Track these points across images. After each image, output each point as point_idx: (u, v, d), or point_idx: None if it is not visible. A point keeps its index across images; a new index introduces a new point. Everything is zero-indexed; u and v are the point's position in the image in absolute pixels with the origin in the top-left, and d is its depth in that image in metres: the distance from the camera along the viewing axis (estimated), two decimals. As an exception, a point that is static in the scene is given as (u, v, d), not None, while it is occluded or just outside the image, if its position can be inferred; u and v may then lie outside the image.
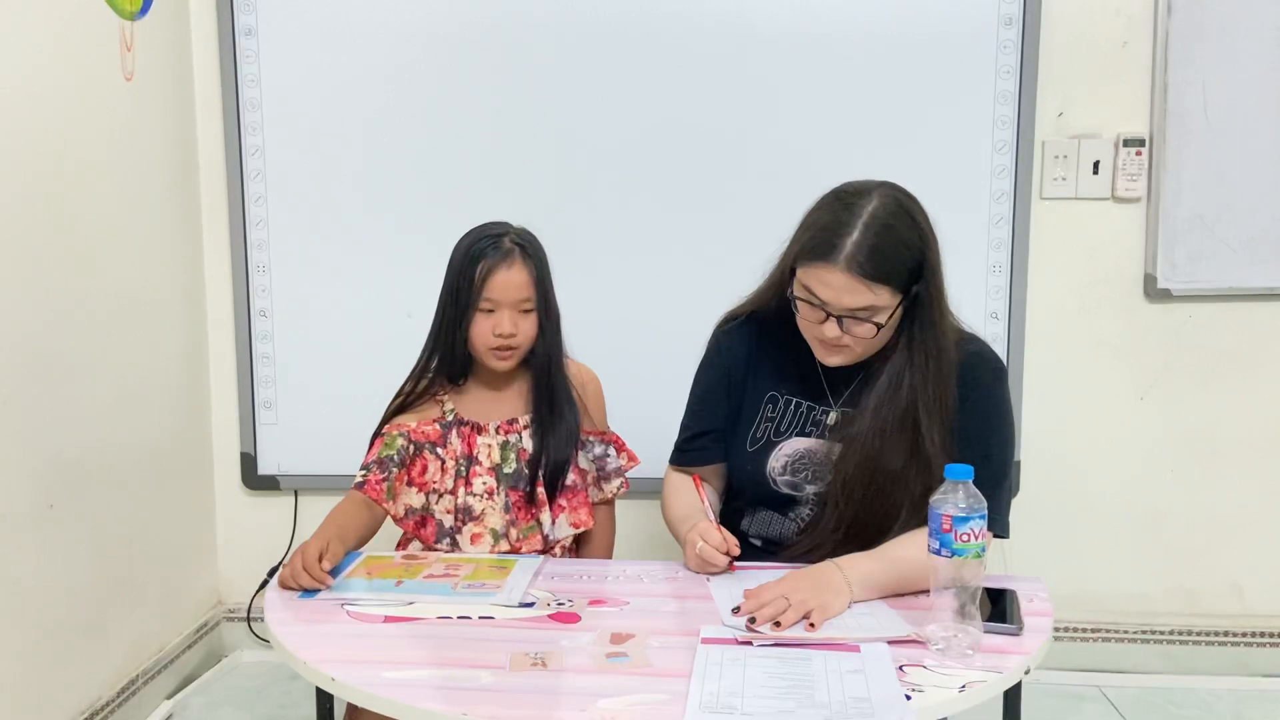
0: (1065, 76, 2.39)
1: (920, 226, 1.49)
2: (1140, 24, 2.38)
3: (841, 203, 1.50)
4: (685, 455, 1.74)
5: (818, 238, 1.48)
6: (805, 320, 1.54)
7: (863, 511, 1.54)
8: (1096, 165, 2.41)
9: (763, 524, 1.68)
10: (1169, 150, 2.37)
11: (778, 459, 1.64)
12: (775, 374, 1.67)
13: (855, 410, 1.57)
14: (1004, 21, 2.35)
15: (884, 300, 1.46)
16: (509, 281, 1.67)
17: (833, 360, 1.55)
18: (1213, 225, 2.39)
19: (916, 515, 1.50)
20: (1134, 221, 2.44)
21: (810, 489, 1.62)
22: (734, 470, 1.70)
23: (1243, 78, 2.35)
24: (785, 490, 1.64)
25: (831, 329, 1.49)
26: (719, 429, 1.70)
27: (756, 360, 1.68)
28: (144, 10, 2.25)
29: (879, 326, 1.48)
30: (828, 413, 1.63)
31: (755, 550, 1.67)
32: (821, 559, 1.48)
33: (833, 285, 1.46)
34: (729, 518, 1.72)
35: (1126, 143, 2.40)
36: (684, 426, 1.75)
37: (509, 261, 1.67)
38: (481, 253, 1.67)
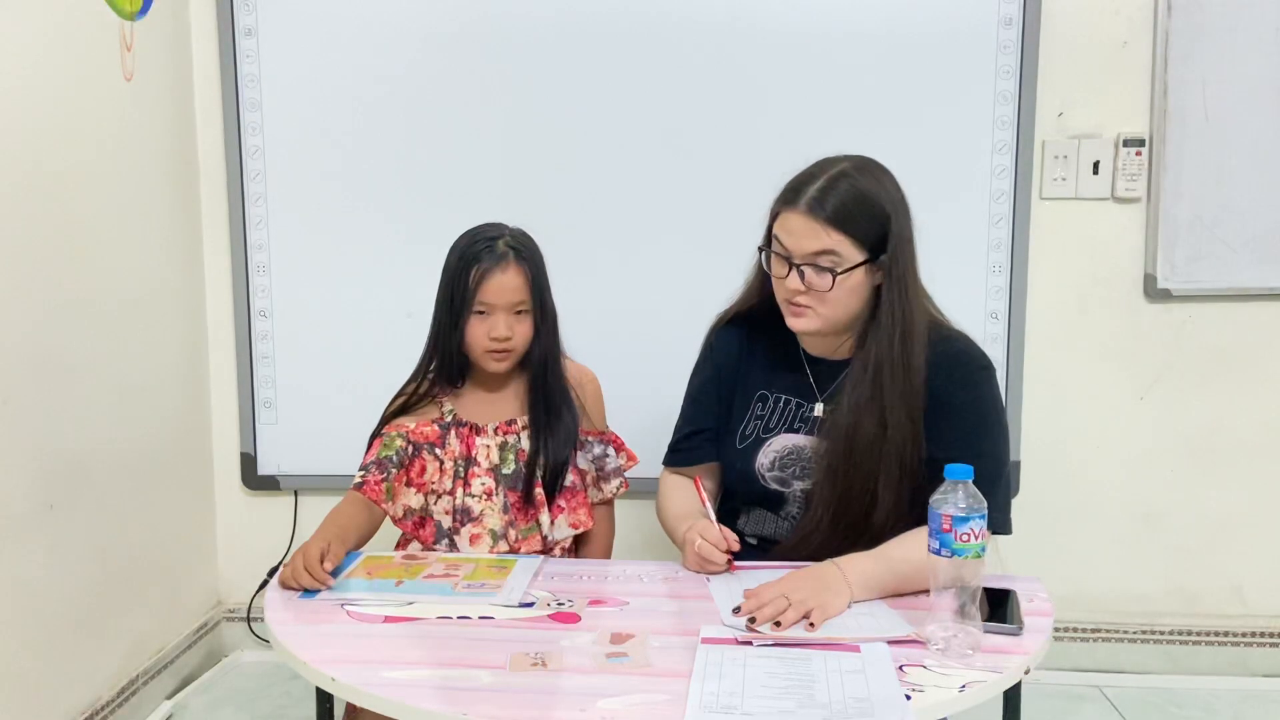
0: (1065, 76, 2.39)
1: (887, 189, 1.54)
2: (1140, 24, 2.38)
3: (817, 163, 1.57)
4: (678, 455, 1.75)
5: (786, 188, 1.55)
6: (775, 278, 1.57)
7: (844, 485, 1.55)
8: (1096, 165, 2.41)
9: (758, 523, 1.68)
10: (1169, 150, 2.37)
11: (766, 455, 1.65)
12: (765, 372, 1.68)
13: (838, 402, 1.58)
14: (1004, 21, 2.35)
15: (843, 250, 1.50)
16: (503, 285, 1.67)
17: (799, 324, 1.57)
18: (1213, 225, 2.39)
19: (891, 492, 1.53)
20: (1134, 221, 2.44)
21: (798, 485, 1.63)
22: (725, 468, 1.72)
23: (1243, 78, 2.35)
24: (774, 486, 1.64)
25: (794, 280, 1.52)
26: (711, 428, 1.72)
27: (747, 360, 1.70)
28: (144, 10, 2.25)
29: (834, 275, 1.49)
30: (815, 407, 1.64)
31: (751, 549, 1.67)
32: (814, 549, 1.49)
33: (794, 230, 1.51)
34: (725, 517, 1.72)
35: (1126, 143, 2.40)
36: (677, 427, 1.77)
37: (503, 265, 1.67)
38: (476, 256, 1.67)
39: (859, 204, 1.50)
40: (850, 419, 1.54)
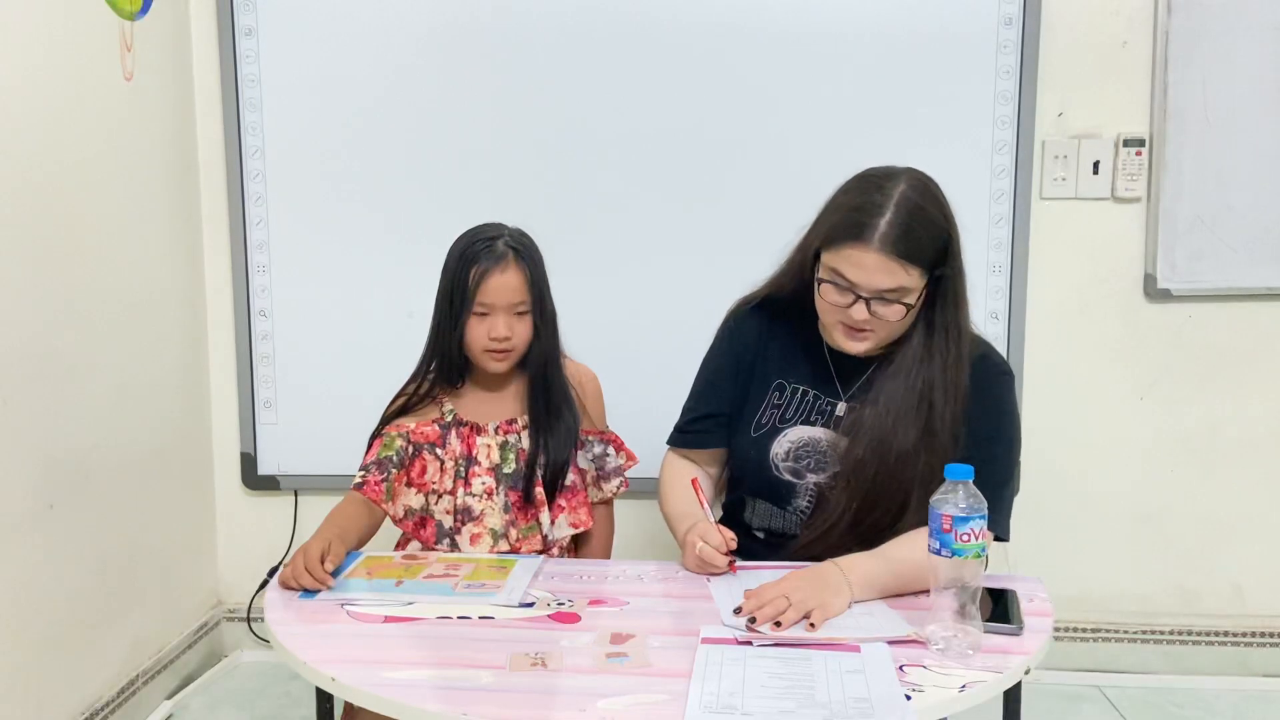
0: (1065, 76, 2.39)
1: (945, 208, 1.51)
2: (1140, 24, 2.38)
3: (871, 184, 1.50)
4: (685, 436, 1.73)
5: (849, 219, 1.48)
6: (831, 304, 1.52)
7: (872, 493, 1.54)
8: (1096, 165, 2.41)
9: (764, 516, 1.67)
10: (1169, 150, 2.37)
11: (781, 445, 1.63)
12: (784, 361, 1.66)
13: (865, 401, 1.57)
14: (1004, 21, 2.35)
15: (914, 281, 1.47)
16: (503, 285, 1.66)
17: (857, 348, 1.54)
18: (1213, 225, 2.39)
19: (926, 500, 1.51)
20: (1134, 221, 2.44)
21: (811, 478, 1.62)
22: (736, 455, 1.70)
23: (1243, 78, 2.35)
24: (787, 476, 1.63)
25: (860, 311, 1.49)
26: (722, 414, 1.70)
27: (766, 347, 1.68)
28: (144, 10, 2.25)
29: (908, 307, 1.48)
30: (835, 404, 1.62)
31: (758, 542, 1.67)
32: (829, 545, 1.48)
33: (865, 266, 1.46)
34: (730, 507, 1.72)
35: (1126, 143, 2.40)
36: (687, 408, 1.74)
37: (503, 265, 1.67)
38: (475, 256, 1.67)
39: (928, 234, 1.47)
40: (887, 430, 1.52)
